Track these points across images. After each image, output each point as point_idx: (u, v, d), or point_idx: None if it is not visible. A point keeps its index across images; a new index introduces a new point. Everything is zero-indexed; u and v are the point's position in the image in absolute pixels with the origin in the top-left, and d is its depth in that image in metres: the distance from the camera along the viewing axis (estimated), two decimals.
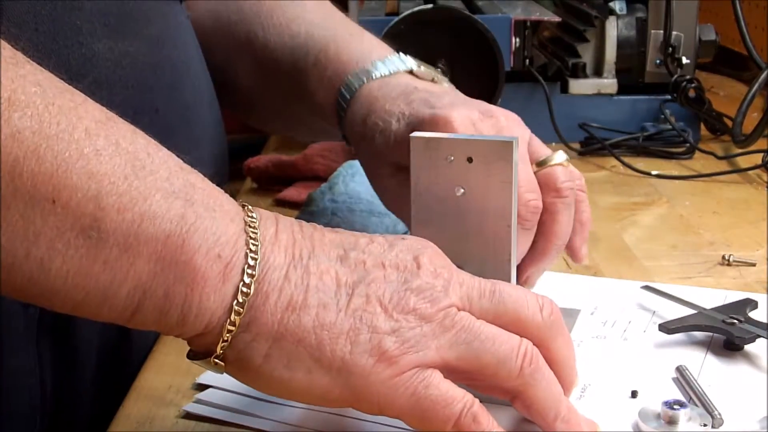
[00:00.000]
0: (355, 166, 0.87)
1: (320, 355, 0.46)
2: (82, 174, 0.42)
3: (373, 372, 0.45)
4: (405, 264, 0.48)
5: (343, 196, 0.83)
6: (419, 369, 0.46)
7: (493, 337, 0.47)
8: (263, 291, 0.45)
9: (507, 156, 0.52)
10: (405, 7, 1.07)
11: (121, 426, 0.55)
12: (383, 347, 0.46)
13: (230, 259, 0.45)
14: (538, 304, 0.49)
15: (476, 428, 0.46)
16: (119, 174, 0.43)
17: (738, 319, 0.61)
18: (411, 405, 0.46)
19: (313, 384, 0.46)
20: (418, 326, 0.46)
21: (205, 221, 0.45)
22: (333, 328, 0.46)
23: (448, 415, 0.46)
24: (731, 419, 0.53)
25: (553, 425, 0.48)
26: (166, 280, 0.44)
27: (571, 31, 1.16)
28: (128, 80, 0.65)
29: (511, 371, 0.47)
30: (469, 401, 0.46)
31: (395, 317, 0.46)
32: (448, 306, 0.47)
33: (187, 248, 0.44)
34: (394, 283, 0.47)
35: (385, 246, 0.49)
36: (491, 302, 0.49)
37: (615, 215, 0.89)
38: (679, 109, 1.11)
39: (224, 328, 0.45)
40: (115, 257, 0.43)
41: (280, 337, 0.45)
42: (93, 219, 0.42)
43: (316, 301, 0.46)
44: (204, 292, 0.45)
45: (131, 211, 0.43)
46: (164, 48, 0.71)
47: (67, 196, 0.42)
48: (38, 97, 0.42)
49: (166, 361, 0.62)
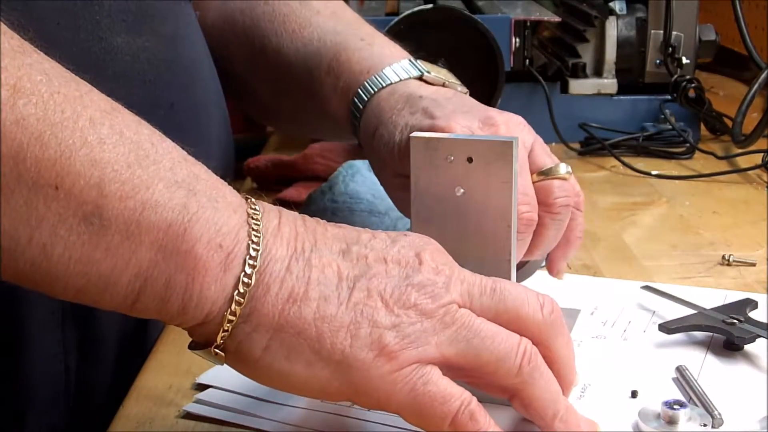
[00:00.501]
0: (354, 166, 0.87)
1: (320, 348, 0.46)
2: (85, 161, 0.42)
3: (372, 366, 0.46)
4: (407, 260, 0.48)
5: (343, 196, 0.83)
6: (419, 365, 0.46)
7: (493, 334, 0.47)
8: (264, 282, 0.46)
9: (507, 156, 0.52)
10: (405, 7, 1.07)
11: (121, 426, 0.55)
12: (383, 341, 0.46)
13: (232, 249, 0.45)
14: (539, 303, 0.49)
15: (473, 426, 0.46)
16: (122, 162, 0.43)
17: (738, 319, 0.61)
18: (409, 400, 0.46)
19: (313, 376, 0.46)
20: (418, 322, 0.46)
21: (207, 211, 0.45)
22: (334, 320, 0.46)
23: (445, 411, 0.46)
24: (731, 419, 0.53)
25: (551, 424, 0.48)
26: (167, 269, 0.44)
27: (571, 31, 1.16)
28: (146, 75, 0.67)
29: (510, 369, 0.47)
30: (467, 399, 0.46)
31: (396, 312, 0.46)
32: (448, 302, 0.47)
33: (189, 237, 0.44)
34: (396, 278, 0.47)
35: (387, 242, 0.49)
36: (492, 300, 0.49)
37: (615, 215, 0.89)
38: (679, 109, 1.11)
39: (225, 318, 0.45)
40: (117, 244, 0.43)
41: (280, 329, 0.45)
42: (95, 206, 0.43)
43: (317, 293, 0.46)
44: (205, 282, 0.45)
45: (133, 199, 0.43)
46: (178, 46, 0.72)
47: (70, 182, 0.42)
48: (44, 85, 0.42)
49: (166, 361, 0.62)
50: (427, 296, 0.47)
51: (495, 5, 1.17)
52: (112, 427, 0.55)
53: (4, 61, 0.41)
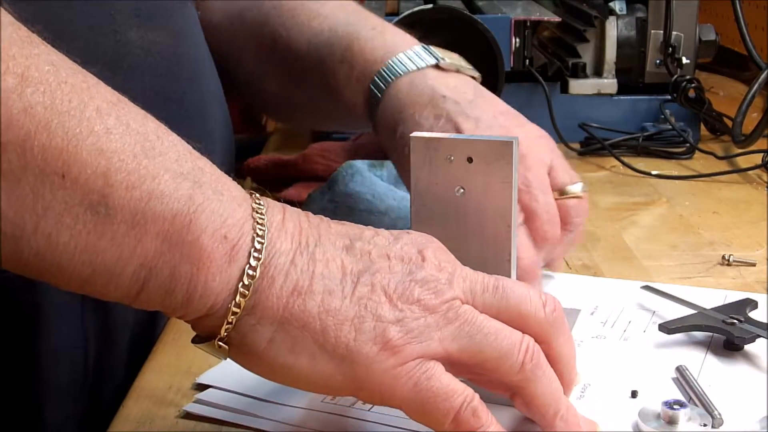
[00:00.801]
0: (354, 166, 0.87)
1: (324, 341, 0.46)
2: (92, 150, 0.43)
3: (376, 360, 0.46)
4: (410, 256, 0.48)
5: (342, 196, 0.83)
6: (422, 360, 0.46)
7: (496, 331, 0.47)
8: (269, 275, 0.46)
9: (507, 156, 0.52)
10: (405, 7, 1.07)
11: (121, 426, 0.55)
12: (387, 336, 0.46)
13: (237, 242, 0.45)
14: (541, 301, 0.50)
15: (475, 423, 0.46)
16: (129, 152, 0.44)
17: (738, 319, 0.61)
18: (412, 396, 0.46)
19: (316, 370, 0.46)
20: (422, 317, 0.46)
21: (212, 203, 0.45)
22: (338, 314, 0.46)
23: (448, 408, 0.46)
24: (731, 419, 0.53)
25: (552, 422, 0.49)
26: (172, 259, 0.44)
27: (571, 31, 1.16)
28: (158, 68, 0.68)
29: (512, 366, 0.47)
30: (470, 395, 0.46)
31: (400, 307, 0.46)
32: (452, 298, 0.47)
33: (194, 228, 0.44)
34: (399, 274, 0.47)
35: (390, 239, 0.49)
36: (494, 297, 0.49)
37: (615, 215, 0.89)
38: (679, 109, 1.11)
39: (229, 310, 0.45)
40: (123, 234, 0.43)
41: (284, 322, 0.46)
42: (101, 195, 0.43)
43: (321, 287, 0.46)
44: (210, 273, 0.45)
45: (139, 189, 0.43)
46: (184, 41, 0.73)
47: (77, 171, 0.42)
48: (51, 75, 0.43)
49: (166, 361, 0.62)
50: (430, 292, 0.47)
51: (495, 5, 1.17)
52: (112, 427, 0.55)
53: (12, 50, 0.42)
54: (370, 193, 0.78)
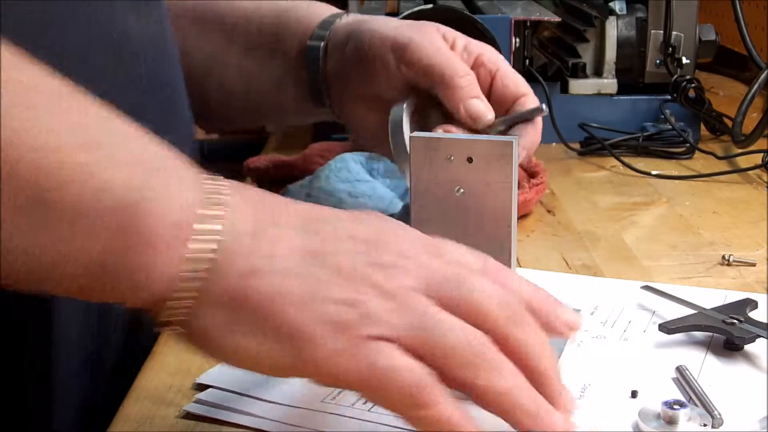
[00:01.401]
0: (344, 159, 0.87)
1: (277, 323, 0.45)
2: (29, 146, 0.41)
3: (330, 340, 0.45)
4: (369, 239, 0.48)
5: (318, 191, 0.84)
6: (378, 341, 0.45)
7: (449, 324, 0.46)
8: (221, 257, 0.45)
9: (507, 156, 0.52)
10: (405, 7, 1.07)
11: (121, 426, 0.55)
12: (342, 317, 0.45)
13: (188, 225, 0.44)
14: (501, 299, 0.48)
15: (433, 400, 0.45)
16: (69, 146, 0.43)
17: (738, 319, 0.61)
18: (368, 375, 0.45)
19: (268, 352, 0.45)
20: (377, 300, 0.46)
21: (162, 188, 0.44)
22: (292, 295, 0.45)
23: (403, 386, 0.45)
24: (731, 419, 0.53)
25: (512, 417, 0.47)
26: (122, 250, 0.43)
27: (571, 31, 1.16)
28: (155, 54, 0.69)
29: (461, 360, 0.46)
30: (426, 375, 0.45)
31: (356, 288, 0.46)
32: (408, 286, 0.47)
33: (143, 216, 0.43)
34: (357, 256, 0.47)
35: (350, 220, 0.49)
36: (451, 290, 0.47)
37: (615, 215, 0.89)
38: (679, 109, 1.11)
39: (181, 295, 0.44)
40: (65, 229, 0.42)
41: (237, 305, 0.45)
42: (39, 191, 0.42)
43: (276, 268, 0.45)
44: (159, 259, 0.44)
45: (80, 183, 0.42)
46: (166, 28, 0.74)
47: (9, 167, 0.41)
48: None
49: (166, 361, 0.62)
50: (387, 276, 0.46)
51: (495, 5, 1.17)
52: (112, 427, 0.55)
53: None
54: (346, 191, 0.78)
